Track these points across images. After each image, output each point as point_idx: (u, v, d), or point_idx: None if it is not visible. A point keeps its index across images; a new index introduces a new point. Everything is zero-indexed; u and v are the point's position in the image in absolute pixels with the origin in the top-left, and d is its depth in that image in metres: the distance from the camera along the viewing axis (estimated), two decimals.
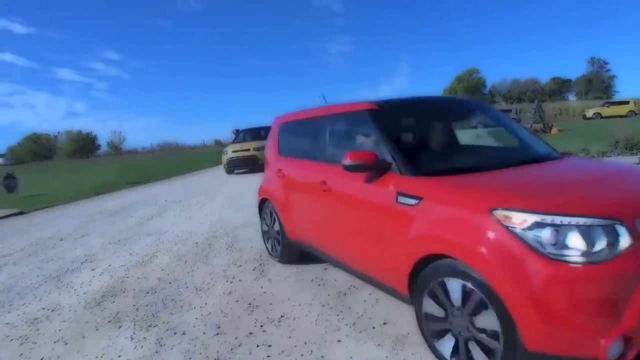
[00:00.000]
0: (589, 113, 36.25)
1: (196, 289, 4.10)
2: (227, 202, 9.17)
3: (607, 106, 36.36)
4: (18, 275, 5.15)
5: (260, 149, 13.64)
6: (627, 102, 35.51)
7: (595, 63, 65.01)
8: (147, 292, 4.13)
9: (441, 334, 2.42)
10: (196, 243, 5.85)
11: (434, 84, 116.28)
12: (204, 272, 4.55)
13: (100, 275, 4.81)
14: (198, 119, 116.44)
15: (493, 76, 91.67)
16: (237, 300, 3.73)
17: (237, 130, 36.42)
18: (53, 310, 3.91)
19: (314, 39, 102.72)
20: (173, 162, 24.91)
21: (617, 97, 49.38)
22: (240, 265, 4.67)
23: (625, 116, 32.03)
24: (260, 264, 4.64)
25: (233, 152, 14.81)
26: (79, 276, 4.85)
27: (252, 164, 14.57)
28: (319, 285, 3.92)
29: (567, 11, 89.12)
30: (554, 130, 17.01)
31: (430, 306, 2.43)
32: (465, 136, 4.17)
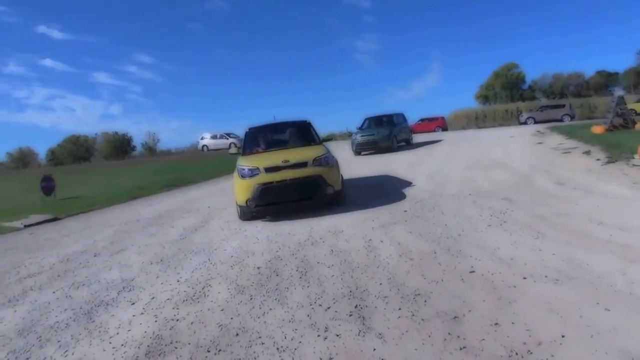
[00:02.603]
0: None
1: (277, 348, 2.91)
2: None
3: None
4: (42, 307, 4.12)
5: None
6: None
7: None
8: (209, 350, 2.97)
9: None
10: (258, 268, 4.69)
11: (469, 81, 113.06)
12: (281, 317, 3.37)
13: (142, 314, 3.70)
14: (229, 121, 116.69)
15: (533, 71, 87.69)
16: None
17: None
18: None
19: (344, 38, 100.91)
20: (209, 163, 24.05)
21: None
22: (328, 307, 3.46)
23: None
24: (357, 307, 3.42)
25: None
26: (114, 314, 3.76)
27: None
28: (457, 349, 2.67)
29: (612, 2, 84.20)
30: (639, 126, 15.16)
31: None
32: None
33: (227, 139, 33.94)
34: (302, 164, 7.12)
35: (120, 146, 53.33)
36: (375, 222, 6.21)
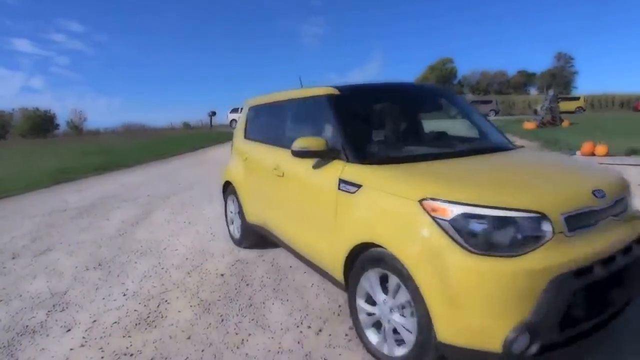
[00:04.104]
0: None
1: None
2: None
3: (559, 101, 36.42)
4: None
5: None
6: (577, 99, 36.35)
7: (561, 58, 66.28)
8: None
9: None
10: (221, 275, 3.99)
11: (406, 72, 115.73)
12: (265, 347, 2.73)
13: (83, 346, 2.89)
14: (164, 101, 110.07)
15: (464, 68, 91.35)
16: None
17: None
18: None
19: (289, 20, 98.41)
20: (142, 145, 22.28)
21: (575, 93, 50.08)
22: (319, 330, 2.87)
23: (573, 112, 32.93)
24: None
25: None
26: (45, 347, 2.92)
27: None
28: None
29: (539, 6, 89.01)
30: (565, 123, 15.95)
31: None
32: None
33: None
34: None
35: (42, 124, 48.63)
36: None
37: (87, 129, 48.17)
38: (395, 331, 2.29)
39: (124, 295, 3.71)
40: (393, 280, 2.20)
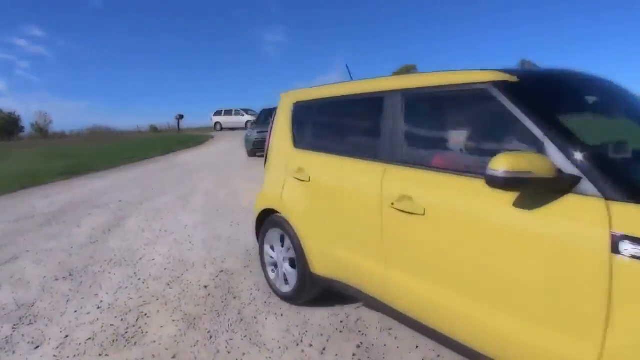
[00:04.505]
0: None
1: None
2: (210, 206, 6.97)
3: None
4: None
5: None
6: None
7: (525, 64, 68.36)
8: None
9: None
10: (205, 287, 3.74)
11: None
12: None
13: None
14: (130, 104, 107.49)
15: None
16: None
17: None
18: None
19: (251, 28, 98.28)
20: (111, 148, 21.51)
21: None
22: (323, 349, 2.66)
23: None
24: (361, 345, 2.67)
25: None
26: None
27: None
28: None
29: (501, 11, 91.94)
30: None
31: None
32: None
33: (243, 115, 30.06)
34: None
35: (6, 126, 46.51)
36: None
37: (52, 131, 46.48)
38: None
39: (98, 308, 3.42)
40: None
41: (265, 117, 15.14)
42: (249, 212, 6.41)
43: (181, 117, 35.29)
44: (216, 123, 32.47)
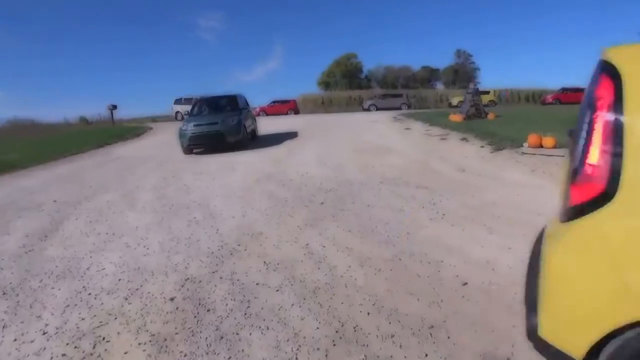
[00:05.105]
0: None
1: None
2: (160, 203, 6.37)
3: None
4: None
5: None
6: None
7: (461, 55, 70.96)
8: None
9: None
10: (171, 300, 3.27)
11: (311, 68, 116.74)
12: None
13: None
14: (55, 96, 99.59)
15: (369, 62, 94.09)
16: None
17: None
18: None
19: (184, 13, 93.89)
20: (38, 142, 19.60)
21: (480, 88, 53.95)
22: None
23: (486, 105, 35.02)
24: (367, 357, 2.36)
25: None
26: None
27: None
28: None
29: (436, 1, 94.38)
30: (491, 116, 16.78)
31: None
32: None
33: None
34: None
35: None
36: (297, 218, 5.16)
37: None
38: None
39: (44, 333, 2.87)
40: None
41: (200, 108, 14.08)
42: (204, 208, 5.93)
43: (114, 107, 33.21)
44: (177, 112, 30.52)
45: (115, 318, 3.02)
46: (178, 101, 31.48)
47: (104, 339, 2.75)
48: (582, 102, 1.72)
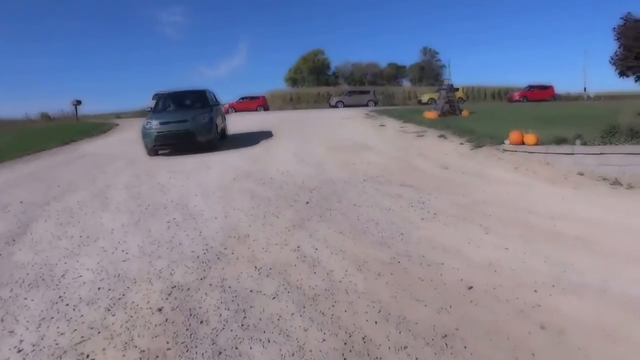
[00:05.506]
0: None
1: None
2: (135, 203, 6.04)
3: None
4: None
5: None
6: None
7: (427, 53, 71.98)
8: None
9: None
10: (159, 310, 3.03)
11: (277, 64, 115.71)
12: None
13: None
14: (12, 91, 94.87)
15: (337, 59, 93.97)
16: None
17: (79, 102, 29.84)
18: None
19: (144, 7, 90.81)
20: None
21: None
22: None
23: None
24: None
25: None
26: None
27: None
28: None
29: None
30: (465, 113, 16.94)
31: None
32: None
33: None
34: None
35: None
36: (283, 219, 4.97)
37: None
38: None
39: (19, 351, 2.60)
40: None
41: (165, 104, 12.75)
42: (183, 208, 5.66)
43: (78, 102, 31.97)
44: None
45: (99, 332, 2.77)
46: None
47: (87, 356, 2.51)
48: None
